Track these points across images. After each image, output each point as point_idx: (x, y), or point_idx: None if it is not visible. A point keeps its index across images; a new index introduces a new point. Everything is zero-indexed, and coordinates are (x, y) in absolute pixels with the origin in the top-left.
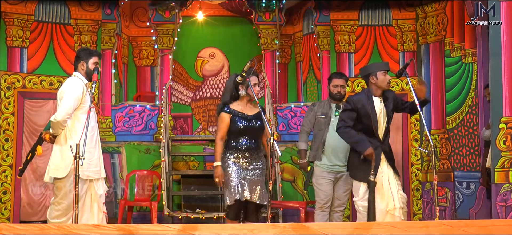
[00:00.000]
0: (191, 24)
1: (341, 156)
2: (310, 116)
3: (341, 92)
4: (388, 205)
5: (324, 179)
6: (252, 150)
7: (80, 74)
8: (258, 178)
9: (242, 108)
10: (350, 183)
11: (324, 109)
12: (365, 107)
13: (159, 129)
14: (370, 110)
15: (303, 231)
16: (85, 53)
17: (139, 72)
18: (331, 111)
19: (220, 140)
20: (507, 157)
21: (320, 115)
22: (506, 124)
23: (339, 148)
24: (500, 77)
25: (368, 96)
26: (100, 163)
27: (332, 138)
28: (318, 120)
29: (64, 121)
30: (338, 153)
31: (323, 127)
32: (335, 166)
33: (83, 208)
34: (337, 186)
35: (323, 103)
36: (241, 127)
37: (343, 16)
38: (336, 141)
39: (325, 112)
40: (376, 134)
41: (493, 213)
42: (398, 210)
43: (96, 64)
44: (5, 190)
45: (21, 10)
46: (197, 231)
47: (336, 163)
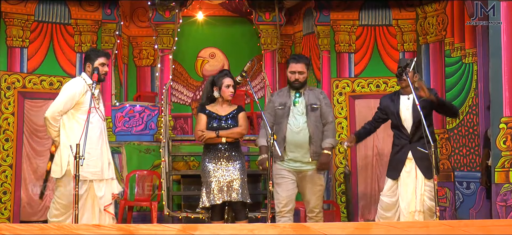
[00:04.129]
0: (191, 24)
1: (303, 150)
2: (269, 109)
3: (299, 79)
4: (410, 206)
5: (282, 178)
6: (229, 150)
7: (86, 75)
8: (237, 177)
9: (217, 109)
10: (319, 183)
11: (283, 99)
12: (389, 107)
13: (159, 129)
14: (393, 108)
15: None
16: (93, 53)
17: (139, 72)
18: (290, 101)
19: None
20: (507, 157)
21: (278, 107)
22: (506, 124)
23: (301, 140)
24: (500, 77)
25: (395, 95)
26: (102, 165)
27: (291, 131)
28: (277, 111)
29: (53, 119)
30: (300, 147)
31: (282, 119)
32: (296, 163)
33: (83, 208)
34: (304, 189)
35: (282, 92)
36: (214, 126)
37: (343, 16)
38: (297, 134)
39: (284, 102)
40: (404, 130)
41: (493, 213)
42: (418, 213)
43: (102, 65)
44: (5, 190)
45: (21, 10)
46: (197, 231)
47: (297, 159)
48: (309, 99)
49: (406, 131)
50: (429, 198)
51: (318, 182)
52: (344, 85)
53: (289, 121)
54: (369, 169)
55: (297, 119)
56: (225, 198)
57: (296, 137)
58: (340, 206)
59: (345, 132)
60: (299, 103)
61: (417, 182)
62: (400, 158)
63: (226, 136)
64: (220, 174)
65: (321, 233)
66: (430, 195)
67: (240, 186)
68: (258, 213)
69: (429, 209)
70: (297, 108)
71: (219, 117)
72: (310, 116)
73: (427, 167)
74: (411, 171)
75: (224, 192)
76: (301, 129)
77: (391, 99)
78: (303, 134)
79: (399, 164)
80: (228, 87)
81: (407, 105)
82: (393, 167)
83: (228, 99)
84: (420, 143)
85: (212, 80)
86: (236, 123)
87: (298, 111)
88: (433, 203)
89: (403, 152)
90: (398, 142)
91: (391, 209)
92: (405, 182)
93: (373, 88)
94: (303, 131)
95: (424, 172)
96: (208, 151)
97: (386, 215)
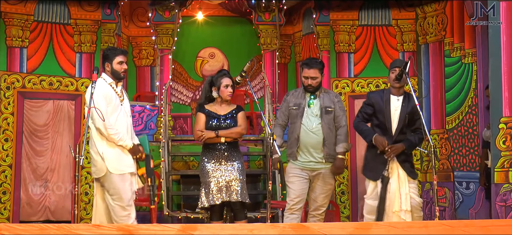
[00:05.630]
0: (191, 24)
1: (316, 151)
2: (283, 108)
3: (312, 84)
4: (394, 206)
5: (295, 176)
6: (228, 150)
7: (106, 75)
8: (235, 177)
9: (216, 108)
10: (330, 183)
11: (297, 100)
12: (379, 104)
13: (159, 129)
14: (384, 107)
15: (303, 231)
16: (110, 52)
17: (139, 72)
18: (305, 102)
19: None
20: (507, 157)
21: (293, 107)
22: (506, 124)
23: (314, 142)
24: (500, 77)
25: (385, 93)
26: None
27: (305, 131)
28: (291, 111)
29: (105, 127)
30: (313, 148)
31: (296, 119)
32: (310, 162)
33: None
34: (315, 186)
35: (297, 92)
36: (212, 126)
37: (343, 16)
38: (311, 134)
39: (298, 103)
40: (389, 131)
41: (492, 213)
42: (404, 212)
43: (120, 63)
44: (4, 190)
45: (21, 10)
46: (196, 231)
47: (310, 159)
48: (324, 102)
49: (391, 131)
50: (416, 195)
51: (329, 181)
52: (344, 85)
53: (303, 122)
54: None
55: (311, 120)
56: (225, 198)
57: (310, 138)
58: (340, 206)
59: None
60: (313, 105)
61: (400, 182)
62: (382, 160)
63: (225, 136)
64: (219, 174)
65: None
66: (416, 191)
67: (239, 186)
68: (257, 213)
69: (418, 205)
70: (311, 110)
71: (218, 117)
72: (324, 119)
73: (410, 168)
74: (393, 170)
75: (223, 192)
76: (315, 130)
77: (381, 97)
78: (317, 136)
79: (380, 165)
80: (227, 87)
81: (396, 106)
82: (372, 168)
83: (227, 99)
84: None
85: (211, 81)
86: (235, 122)
87: (312, 113)
88: (421, 200)
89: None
90: None
91: (375, 212)
92: (389, 182)
93: (372, 88)
94: (317, 132)
95: (408, 172)
96: (207, 151)
97: (371, 218)
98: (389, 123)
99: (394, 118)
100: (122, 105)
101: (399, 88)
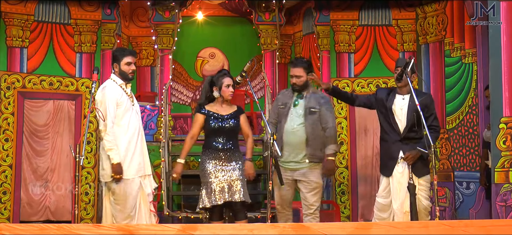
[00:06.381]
0: (191, 24)
1: (298, 151)
2: (274, 106)
3: (297, 83)
4: (403, 206)
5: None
6: (229, 150)
7: (115, 77)
8: (237, 178)
9: (217, 108)
10: (314, 181)
11: (285, 99)
12: (383, 100)
13: (159, 128)
14: (387, 103)
15: (303, 231)
16: (119, 53)
17: (139, 72)
18: (291, 101)
19: (190, 138)
20: (507, 157)
21: (280, 105)
22: (506, 124)
23: (296, 142)
24: (500, 77)
25: (391, 90)
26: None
27: (287, 131)
28: (279, 110)
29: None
30: (295, 147)
31: (282, 118)
32: (290, 163)
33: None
34: (300, 187)
35: (288, 91)
36: (215, 126)
37: (343, 16)
38: (292, 134)
39: (285, 102)
40: (395, 127)
41: (493, 213)
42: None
43: (128, 64)
44: (5, 190)
45: (21, 10)
46: (197, 231)
47: (290, 159)
48: (309, 103)
49: (398, 128)
50: (424, 198)
51: (313, 179)
52: (344, 85)
53: (287, 121)
54: (369, 169)
55: (294, 120)
56: (227, 198)
57: (291, 138)
58: (340, 206)
59: (345, 131)
60: (299, 105)
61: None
62: (391, 155)
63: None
64: (221, 175)
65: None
66: (425, 194)
67: (241, 187)
68: (258, 213)
69: (425, 209)
70: (296, 110)
71: (221, 117)
72: (308, 119)
73: (419, 167)
74: (404, 171)
75: (225, 193)
76: (297, 130)
77: (387, 93)
78: (299, 135)
79: (390, 161)
80: (228, 87)
81: (401, 105)
82: (385, 164)
83: (228, 99)
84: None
85: (211, 80)
86: (238, 122)
87: (296, 113)
88: (429, 203)
89: (394, 150)
90: (387, 137)
91: (386, 210)
92: (399, 181)
93: (373, 88)
94: (298, 132)
95: (416, 171)
96: (207, 151)
97: (382, 216)
98: (394, 121)
99: (401, 117)
100: (133, 105)
101: (403, 87)
